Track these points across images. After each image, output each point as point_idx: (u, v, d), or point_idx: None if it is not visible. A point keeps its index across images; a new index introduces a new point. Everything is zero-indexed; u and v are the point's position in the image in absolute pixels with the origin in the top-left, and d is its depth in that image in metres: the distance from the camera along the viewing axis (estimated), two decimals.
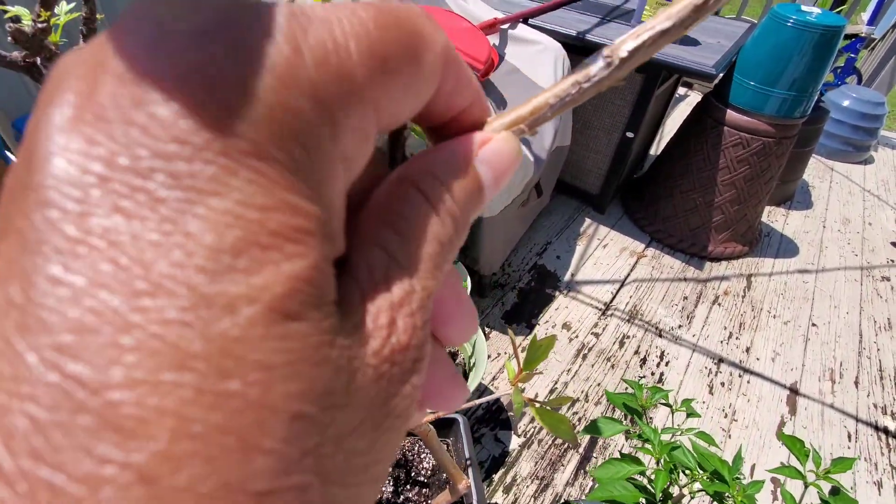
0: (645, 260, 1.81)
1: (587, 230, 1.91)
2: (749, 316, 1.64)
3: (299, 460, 0.08)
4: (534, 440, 1.21)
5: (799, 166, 2.07)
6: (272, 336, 0.08)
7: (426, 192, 0.12)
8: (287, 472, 0.08)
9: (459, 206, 0.12)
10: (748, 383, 1.42)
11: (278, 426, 0.08)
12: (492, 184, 0.13)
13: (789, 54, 1.45)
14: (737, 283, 1.76)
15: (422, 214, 0.11)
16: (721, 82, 1.65)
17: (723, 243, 1.81)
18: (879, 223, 2.17)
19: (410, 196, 0.11)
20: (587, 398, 1.33)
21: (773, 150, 1.61)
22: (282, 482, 0.08)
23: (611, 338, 1.50)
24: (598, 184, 1.91)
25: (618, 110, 1.70)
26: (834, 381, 1.45)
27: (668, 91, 1.85)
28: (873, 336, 1.62)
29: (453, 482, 0.59)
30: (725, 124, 1.62)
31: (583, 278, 1.71)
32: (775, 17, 1.46)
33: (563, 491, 1.12)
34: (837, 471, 0.54)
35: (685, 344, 1.52)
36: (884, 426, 1.35)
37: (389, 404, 0.10)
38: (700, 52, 1.50)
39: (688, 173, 1.75)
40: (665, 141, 1.96)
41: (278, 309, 0.08)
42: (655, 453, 0.60)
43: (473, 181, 0.12)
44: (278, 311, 0.08)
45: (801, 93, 1.51)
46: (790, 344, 1.56)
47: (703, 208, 1.76)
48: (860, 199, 2.32)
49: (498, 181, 0.13)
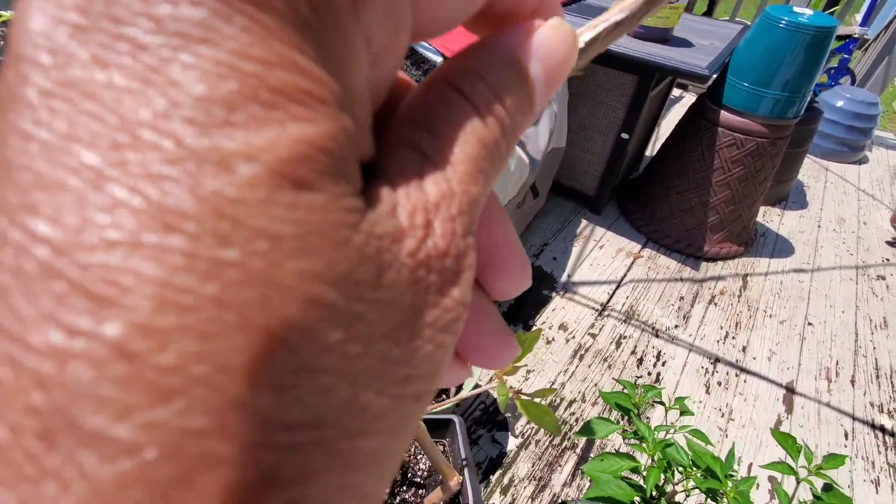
0: (641, 260, 1.82)
1: (583, 231, 1.91)
2: (745, 315, 1.64)
3: (318, 354, 0.07)
4: (531, 441, 1.21)
5: (793, 166, 2.08)
6: (277, 203, 0.07)
7: (467, 93, 0.10)
8: (304, 365, 0.07)
9: (506, 108, 0.10)
10: (745, 382, 1.42)
11: (289, 308, 0.07)
12: (543, 85, 0.11)
13: (782, 55, 1.46)
14: (733, 282, 1.77)
15: (462, 116, 0.10)
16: (715, 83, 1.66)
17: (718, 243, 1.82)
18: (874, 222, 2.18)
19: (448, 97, 0.10)
20: (584, 399, 1.33)
21: (767, 150, 1.62)
22: (297, 379, 0.07)
23: (607, 338, 1.51)
24: (595, 185, 1.92)
25: (613, 112, 1.71)
26: (830, 380, 1.46)
27: (662, 92, 1.87)
28: (869, 335, 1.62)
29: (445, 479, 0.59)
30: (720, 125, 1.63)
31: (579, 279, 1.71)
32: (768, 18, 1.47)
33: (561, 491, 1.12)
34: (829, 467, 0.54)
35: (682, 344, 1.52)
36: (880, 424, 1.35)
37: (429, 314, 0.09)
38: (693, 54, 1.51)
39: (683, 174, 1.76)
40: (660, 142, 1.97)
41: (284, 173, 0.07)
42: (649, 451, 0.60)
43: (521, 80, 0.11)
44: (284, 176, 0.07)
45: (794, 93, 1.52)
46: (786, 343, 1.56)
47: (698, 209, 1.77)
48: (855, 199, 2.33)
49: (550, 81, 0.11)
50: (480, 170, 0.10)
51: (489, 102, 0.10)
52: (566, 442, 1.22)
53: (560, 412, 1.29)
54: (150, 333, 0.06)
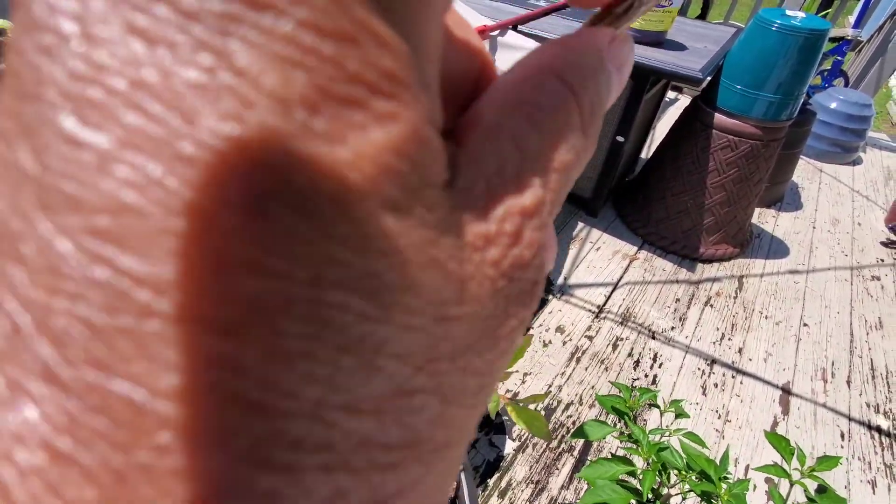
0: (637, 262, 1.82)
1: (580, 233, 1.92)
2: (741, 317, 1.65)
3: (411, 377, 0.07)
4: (528, 444, 1.21)
5: (788, 168, 2.09)
6: (364, 236, 0.06)
7: (572, 85, 0.09)
8: (402, 389, 0.07)
9: (595, 109, 0.10)
10: (741, 384, 1.43)
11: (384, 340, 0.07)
12: (616, 90, 0.11)
13: (775, 58, 1.47)
14: (728, 284, 1.78)
15: (569, 119, 0.09)
16: (709, 86, 1.67)
17: (714, 245, 1.82)
18: (868, 223, 2.20)
19: (552, 87, 0.09)
20: (581, 401, 1.33)
21: (761, 152, 1.63)
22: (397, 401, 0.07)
23: (604, 340, 1.51)
24: (591, 187, 1.93)
25: (608, 115, 1.72)
26: (826, 381, 1.46)
27: (657, 95, 1.88)
28: (864, 335, 1.63)
29: None
30: (714, 127, 1.64)
31: (576, 281, 1.71)
32: (760, 21, 1.48)
33: (559, 494, 1.12)
34: (822, 469, 0.54)
35: (678, 345, 1.53)
36: (876, 425, 1.36)
37: (505, 326, 0.09)
38: (687, 57, 1.52)
39: (678, 176, 1.77)
40: (656, 144, 1.98)
41: (371, 195, 0.06)
42: (644, 454, 0.60)
43: (607, 83, 0.10)
44: (371, 199, 0.06)
45: (788, 96, 1.53)
46: (782, 344, 1.57)
47: (694, 211, 1.78)
48: (849, 200, 2.35)
49: (618, 89, 0.11)
50: (566, 182, 0.09)
51: (593, 111, 0.10)
52: (563, 445, 1.22)
53: (557, 415, 1.29)
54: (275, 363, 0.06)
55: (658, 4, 1.48)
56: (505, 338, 0.09)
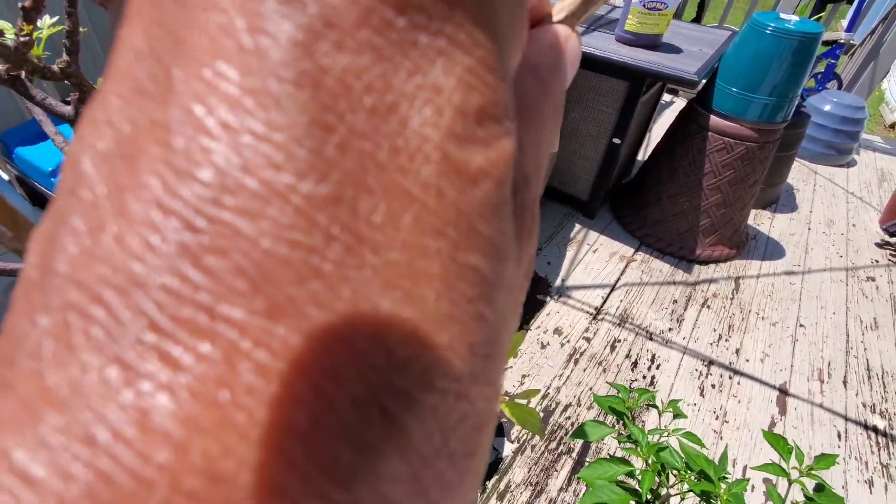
0: (634, 264, 1.83)
1: (577, 235, 1.92)
2: (738, 318, 1.66)
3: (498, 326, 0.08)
4: (527, 446, 1.21)
5: (783, 170, 2.10)
6: (499, 216, 0.08)
7: (544, 80, 0.11)
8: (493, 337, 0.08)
9: (561, 101, 0.11)
10: (738, 385, 1.43)
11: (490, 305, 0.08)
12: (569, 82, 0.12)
13: (769, 61, 1.48)
14: (725, 285, 1.78)
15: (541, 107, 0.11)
16: (704, 89, 1.68)
17: (710, 246, 1.83)
18: (863, 224, 2.21)
19: (528, 82, 0.11)
20: (580, 403, 1.33)
21: (756, 154, 1.64)
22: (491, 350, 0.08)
23: (602, 342, 1.51)
24: (587, 189, 1.94)
25: (604, 117, 1.73)
26: (822, 381, 1.47)
27: (653, 98, 1.89)
28: (860, 335, 1.64)
29: None
30: (709, 130, 1.65)
31: (573, 283, 1.72)
32: (755, 24, 1.49)
33: (557, 496, 1.12)
34: (820, 467, 0.54)
35: (675, 347, 1.53)
36: (873, 425, 1.36)
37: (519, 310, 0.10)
38: (683, 60, 1.53)
39: (674, 178, 1.78)
40: (652, 147, 1.99)
41: (502, 189, 0.08)
42: (643, 454, 0.60)
43: (565, 80, 0.11)
44: (502, 192, 0.08)
45: (782, 98, 1.54)
46: (779, 345, 1.57)
47: (690, 212, 1.79)
48: (844, 202, 2.36)
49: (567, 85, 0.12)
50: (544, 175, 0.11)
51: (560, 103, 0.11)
52: (562, 447, 1.22)
53: (555, 417, 1.29)
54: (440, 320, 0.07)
55: (653, 7, 1.49)
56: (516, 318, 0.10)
